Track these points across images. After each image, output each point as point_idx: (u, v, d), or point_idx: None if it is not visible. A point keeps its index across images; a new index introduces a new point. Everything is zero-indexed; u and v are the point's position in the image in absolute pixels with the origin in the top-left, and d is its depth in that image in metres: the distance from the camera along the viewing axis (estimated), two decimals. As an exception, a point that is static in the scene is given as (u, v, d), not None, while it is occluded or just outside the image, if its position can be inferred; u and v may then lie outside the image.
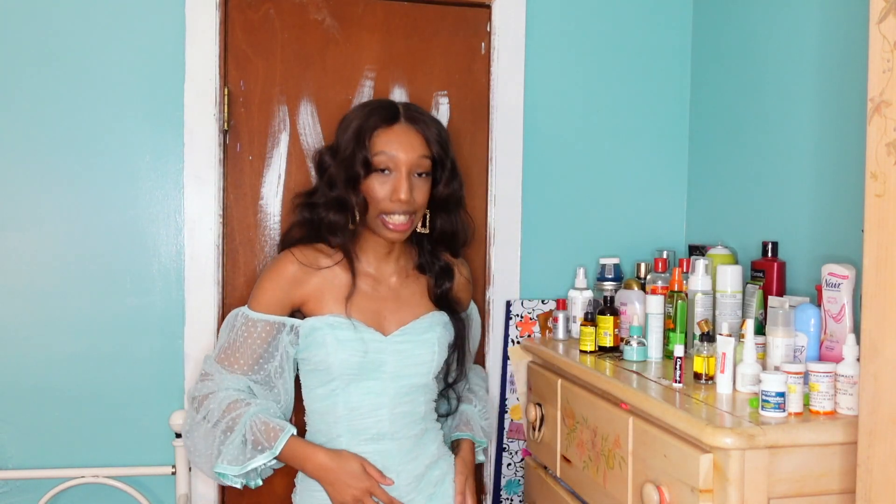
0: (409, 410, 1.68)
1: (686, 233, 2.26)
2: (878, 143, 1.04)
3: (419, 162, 1.62)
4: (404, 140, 1.62)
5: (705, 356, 1.46)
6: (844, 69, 1.63)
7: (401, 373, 1.66)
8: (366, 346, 1.63)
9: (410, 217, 1.64)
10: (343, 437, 1.65)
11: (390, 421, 1.65)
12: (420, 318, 1.71)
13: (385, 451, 1.65)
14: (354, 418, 1.64)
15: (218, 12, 1.97)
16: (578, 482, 1.68)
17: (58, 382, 1.92)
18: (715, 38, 2.14)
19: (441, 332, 1.72)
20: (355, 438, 1.64)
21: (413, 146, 1.62)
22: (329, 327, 1.62)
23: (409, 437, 1.67)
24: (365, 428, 1.64)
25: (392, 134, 1.62)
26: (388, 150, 1.60)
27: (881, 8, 1.04)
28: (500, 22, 2.12)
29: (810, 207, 1.73)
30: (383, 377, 1.65)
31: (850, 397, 1.25)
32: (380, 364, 1.65)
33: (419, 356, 1.68)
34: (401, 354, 1.66)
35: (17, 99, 1.88)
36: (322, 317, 1.64)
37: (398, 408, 1.66)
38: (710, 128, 2.16)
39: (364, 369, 1.63)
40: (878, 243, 1.04)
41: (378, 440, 1.65)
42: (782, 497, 1.22)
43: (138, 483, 1.95)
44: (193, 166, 1.96)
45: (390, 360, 1.65)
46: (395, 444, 1.65)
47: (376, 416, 1.65)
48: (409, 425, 1.68)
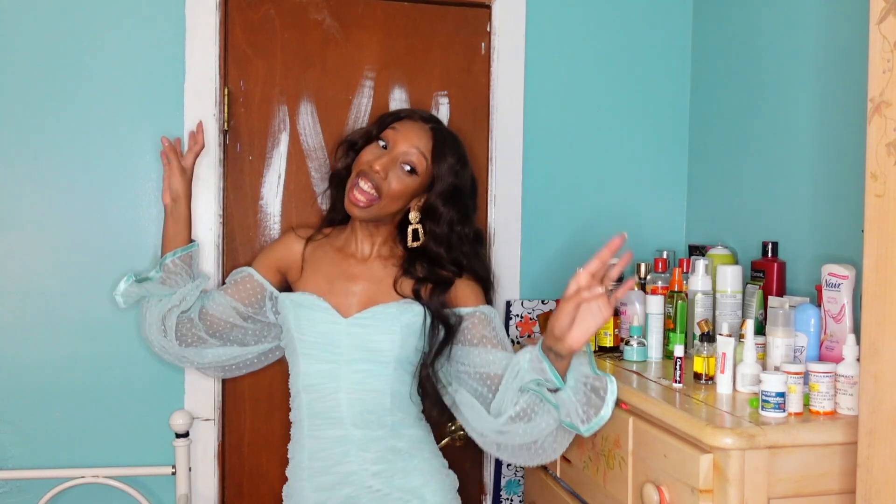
0: (369, 398, 1.64)
1: (686, 233, 2.26)
2: (878, 143, 1.04)
3: (413, 154, 1.63)
4: (415, 131, 1.65)
5: (705, 356, 1.46)
6: (844, 69, 1.63)
7: (357, 356, 1.64)
8: (322, 326, 1.65)
9: (373, 199, 1.61)
10: (304, 420, 1.66)
11: (348, 405, 1.63)
12: (387, 304, 1.66)
13: (345, 437, 1.63)
14: (313, 400, 1.65)
15: (218, 12, 1.97)
16: (578, 482, 1.68)
17: (58, 382, 1.92)
18: (715, 39, 2.14)
19: (408, 322, 1.64)
20: (315, 421, 1.65)
21: (419, 139, 1.64)
22: (292, 304, 1.68)
23: (372, 428, 1.63)
24: (323, 411, 1.64)
25: (408, 121, 1.67)
26: (398, 127, 1.65)
27: (881, 8, 1.04)
28: (500, 22, 2.12)
29: (810, 207, 1.73)
30: (338, 359, 1.64)
31: (850, 397, 1.25)
32: (337, 345, 1.64)
33: (377, 342, 1.64)
34: (357, 338, 1.64)
35: (16, 99, 1.88)
36: (291, 294, 1.71)
37: (356, 394, 1.63)
38: (710, 128, 2.16)
39: (320, 349, 1.65)
40: (878, 243, 1.04)
41: (338, 424, 1.63)
42: (782, 497, 1.22)
43: (138, 483, 1.95)
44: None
45: (345, 342, 1.64)
46: (357, 433, 1.63)
47: (335, 400, 1.64)
48: (371, 415, 1.64)
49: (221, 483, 2.03)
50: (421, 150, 1.64)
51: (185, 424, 1.92)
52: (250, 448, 2.04)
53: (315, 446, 1.65)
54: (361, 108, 2.08)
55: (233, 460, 2.04)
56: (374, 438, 1.64)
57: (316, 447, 1.65)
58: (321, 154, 2.06)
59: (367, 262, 1.71)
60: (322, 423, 1.65)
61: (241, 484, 2.05)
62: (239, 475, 2.05)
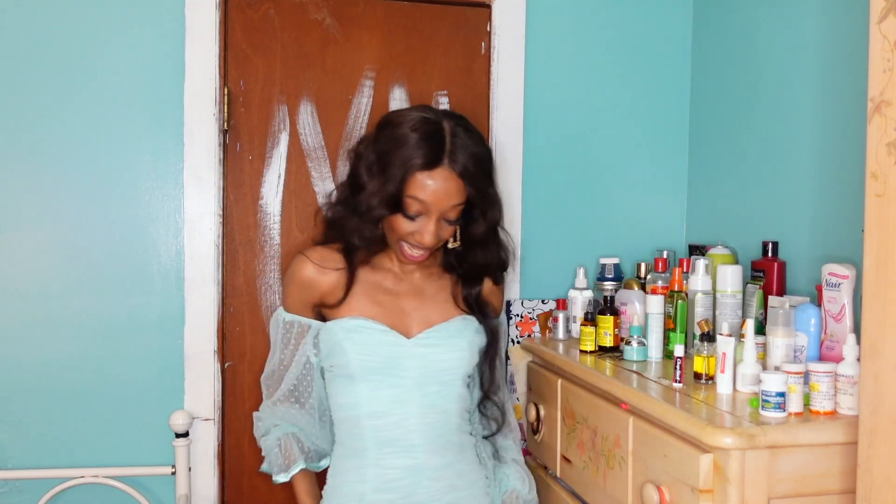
0: (439, 421, 1.57)
1: (686, 233, 2.26)
2: (878, 142, 1.04)
3: (451, 209, 1.51)
4: (441, 188, 1.48)
5: (705, 356, 1.46)
6: (844, 69, 1.63)
7: (425, 379, 1.56)
8: (386, 349, 1.54)
9: (425, 254, 1.55)
10: (370, 449, 1.55)
11: (420, 432, 1.55)
12: (449, 320, 1.61)
13: (416, 467, 1.55)
14: (380, 428, 1.54)
15: (218, 12, 1.97)
16: (578, 482, 1.68)
17: (58, 382, 1.92)
18: (715, 39, 2.14)
19: (472, 338, 1.61)
20: (382, 450, 1.55)
21: (449, 195, 1.49)
22: (345, 331, 1.55)
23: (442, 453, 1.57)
24: (393, 439, 1.54)
25: (431, 179, 1.47)
26: (423, 196, 1.47)
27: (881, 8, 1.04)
28: (500, 22, 2.12)
29: (810, 207, 1.73)
30: (407, 383, 1.55)
31: (850, 397, 1.25)
32: (403, 368, 1.55)
33: (446, 361, 1.58)
34: (424, 359, 1.56)
35: (16, 99, 1.88)
36: (339, 320, 1.56)
37: (427, 417, 1.55)
38: (710, 128, 2.16)
39: (385, 374, 1.54)
40: (878, 243, 1.04)
41: (408, 453, 1.55)
42: (782, 497, 1.22)
43: (138, 483, 1.95)
44: (193, 166, 1.96)
45: (413, 364, 1.55)
46: (426, 459, 1.55)
47: (405, 427, 1.55)
48: (442, 438, 1.57)
49: (221, 483, 2.03)
50: (457, 203, 1.51)
51: (185, 424, 1.92)
52: (250, 448, 2.04)
53: (383, 476, 1.55)
54: (361, 108, 2.08)
55: (233, 460, 2.04)
56: (444, 465, 1.57)
57: (384, 478, 1.55)
58: (321, 154, 2.06)
59: (408, 276, 1.63)
60: (392, 451, 1.55)
61: (241, 484, 2.05)
62: (239, 475, 2.04)
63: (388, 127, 1.54)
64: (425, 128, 1.50)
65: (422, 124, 1.51)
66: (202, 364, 1.98)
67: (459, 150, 1.50)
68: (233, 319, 2.02)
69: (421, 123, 1.51)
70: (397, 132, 1.51)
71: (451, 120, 1.53)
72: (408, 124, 1.51)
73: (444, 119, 1.53)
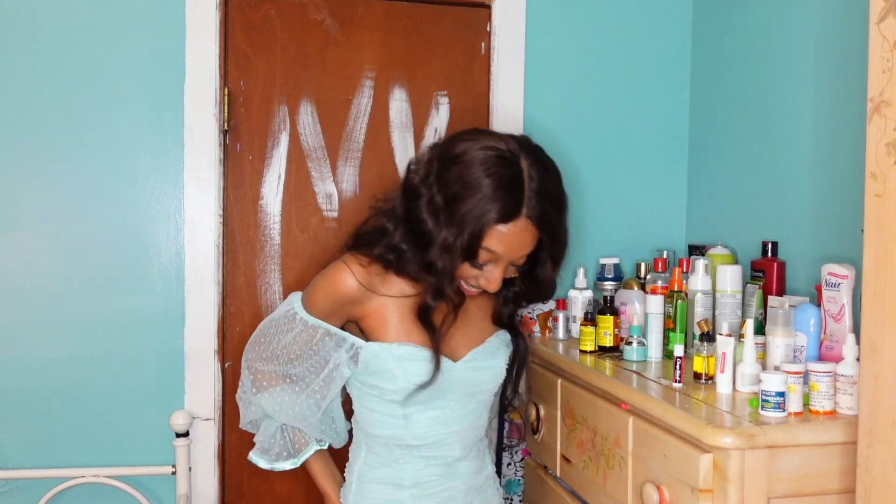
0: (473, 434, 1.60)
1: (686, 233, 2.26)
2: (878, 143, 1.04)
3: (522, 258, 1.44)
4: (516, 240, 1.38)
5: (705, 356, 1.46)
6: (844, 69, 1.63)
7: (467, 399, 1.57)
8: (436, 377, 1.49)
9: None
10: (410, 463, 1.55)
11: (461, 447, 1.57)
12: (488, 339, 1.59)
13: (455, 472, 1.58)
14: (423, 448, 1.55)
15: (218, 12, 1.97)
16: (578, 482, 1.68)
17: (58, 382, 1.92)
18: (715, 39, 2.14)
19: (505, 354, 1.61)
20: (423, 462, 1.56)
21: (524, 245, 1.40)
22: (396, 359, 1.48)
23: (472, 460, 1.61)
24: (433, 456, 1.56)
25: (507, 234, 1.37)
26: (496, 248, 1.38)
27: (881, 8, 1.04)
28: (500, 22, 2.12)
29: (810, 207, 1.73)
30: (451, 405, 1.55)
31: (849, 397, 1.25)
32: (448, 391, 1.53)
33: (485, 380, 1.58)
34: (468, 382, 1.55)
35: (16, 99, 1.89)
36: (388, 345, 1.48)
37: (466, 433, 1.58)
38: (710, 128, 2.16)
39: (432, 398, 1.52)
40: (878, 243, 1.04)
41: (451, 464, 1.57)
42: (782, 497, 1.22)
43: (138, 483, 1.95)
44: (193, 166, 1.96)
45: (457, 387, 1.54)
46: (465, 465, 1.59)
47: (447, 446, 1.56)
48: (475, 443, 1.62)
49: (221, 483, 2.03)
50: (528, 251, 1.43)
51: (185, 424, 1.92)
52: (250, 448, 2.03)
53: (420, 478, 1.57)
54: (361, 108, 2.08)
55: (233, 460, 2.04)
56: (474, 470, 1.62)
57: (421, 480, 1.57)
58: (321, 154, 2.06)
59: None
60: (431, 464, 1.56)
61: (241, 484, 2.05)
62: (239, 475, 2.05)
63: (456, 165, 1.38)
64: (501, 172, 1.36)
65: (497, 167, 1.36)
66: (202, 364, 1.98)
67: (538, 198, 1.37)
68: (233, 319, 2.02)
69: (496, 165, 1.36)
70: (469, 175, 1.36)
71: (529, 156, 1.39)
72: (480, 165, 1.36)
73: (521, 156, 1.38)
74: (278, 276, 2.04)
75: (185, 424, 1.92)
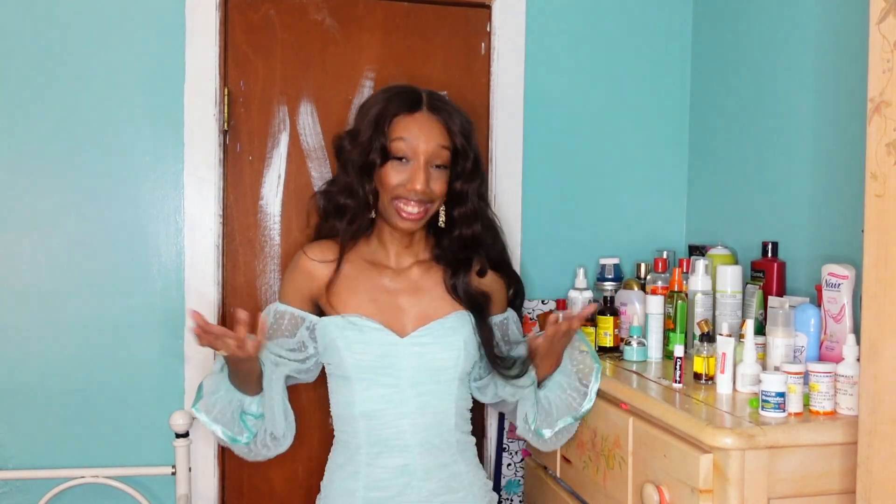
0: (435, 422, 1.56)
1: (686, 233, 2.26)
2: (878, 143, 1.04)
3: (438, 152, 1.54)
4: (425, 128, 1.53)
5: (705, 356, 1.46)
6: (844, 69, 1.63)
7: (420, 378, 1.55)
8: (379, 348, 1.53)
9: (425, 207, 1.55)
10: (363, 447, 1.55)
11: (413, 432, 1.54)
12: (444, 317, 1.59)
13: (407, 467, 1.55)
14: (374, 428, 1.54)
15: (218, 12, 1.97)
16: (578, 482, 1.68)
17: (58, 382, 1.92)
18: (715, 39, 2.14)
19: (469, 336, 1.59)
20: (374, 449, 1.55)
21: (433, 135, 1.53)
22: (338, 328, 1.55)
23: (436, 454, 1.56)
24: (385, 439, 1.54)
25: (413, 121, 1.54)
26: (408, 136, 1.52)
27: (881, 8, 1.04)
28: (500, 22, 2.12)
29: (810, 207, 1.73)
30: (401, 383, 1.54)
31: (849, 397, 1.25)
32: (396, 368, 1.54)
33: (441, 360, 1.56)
34: (419, 358, 1.55)
35: (16, 99, 1.88)
36: (333, 318, 1.57)
37: (422, 417, 1.55)
38: (710, 128, 2.16)
39: (378, 373, 1.53)
40: (878, 243, 1.04)
41: (401, 453, 1.54)
42: (782, 497, 1.22)
43: (138, 483, 1.95)
44: (193, 166, 1.96)
45: (407, 363, 1.54)
46: (419, 459, 1.55)
47: (397, 427, 1.54)
48: (437, 437, 1.57)
49: (221, 483, 2.03)
50: (442, 144, 1.55)
51: (185, 424, 1.92)
52: (250, 448, 2.04)
53: (374, 475, 1.55)
54: (361, 108, 2.08)
55: (233, 460, 2.04)
56: (438, 466, 1.57)
57: (375, 477, 1.55)
58: (321, 154, 2.06)
59: (405, 273, 1.62)
60: (383, 450, 1.55)
61: (241, 484, 2.05)
62: (239, 475, 2.04)
63: (362, 107, 1.65)
64: (397, 88, 1.61)
65: (392, 87, 1.61)
66: (202, 364, 1.98)
67: (437, 101, 1.58)
68: (233, 319, 2.02)
69: (391, 87, 1.61)
70: (369, 102, 1.62)
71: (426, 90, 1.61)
72: (378, 93, 1.62)
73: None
74: (278, 276, 2.04)
75: (184, 425, 1.92)
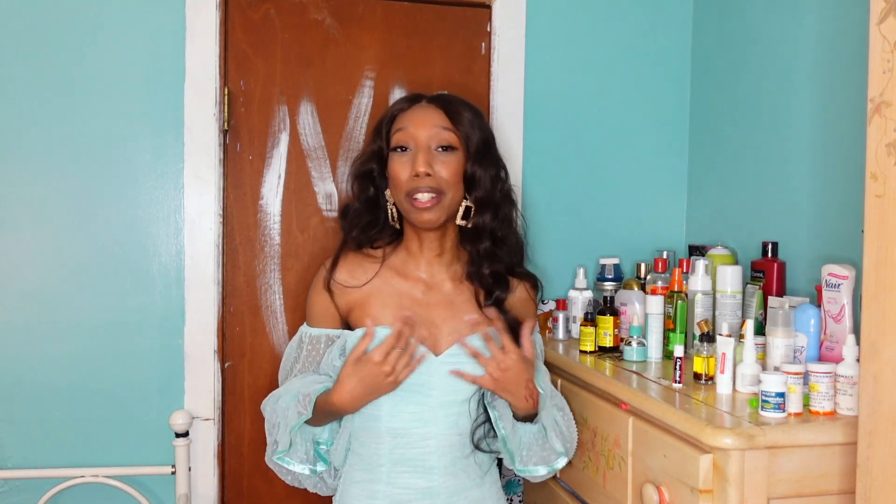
0: (460, 442, 1.51)
1: (686, 233, 2.26)
2: (878, 143, 1.04)
3: (438, 133, 1.48)
4: (422, 115, 1.51)
5: (705, 356, 1.46)
6: (844, 69, 1.63)
7: (451, 398, 1.49)
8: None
9: (438, 195, 1.46)
10: (384, 465, 1.49)
11: (439, 454, 1.48)
12: (475, 335, 1.50)
13: (431, 489, 1.48)
14: (399, 446, 1.48)
15: (218, 12, 1.97)
16: (578, 482, 1.68)
17: (58, 382, 1.92)
18: (715, 39, 2.14)
19: None
20: (397, 468, 1.48)
21: (432, 119, 1.49)
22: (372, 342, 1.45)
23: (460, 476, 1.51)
24: (410, 458, 1.48)
25: (411, 112, 1.52)
26: (405, 125, 1.50)
27: (881, 8, 1.04)
28: (500, 22, 2.12)
29: (810, 207, 1.73)
30: (431, 402, 1.47)
31: (849, 398, 1.25)
32: (427, 387, 1.47)
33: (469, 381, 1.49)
34: (452, 377, 1.47)
35: (16, 99, 1.88)
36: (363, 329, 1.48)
37: (449, 439, 1.49)
38: (710, 128, 2.16)
39: (409, 391, 1.46)
40: (878, 243, 1.04)
41: (424, 474, 1.48)
42: (782, 497, 1.22)
43: (138, 483, 1.95)
44: (193, 166, 1.96)
45: (439, 382, 1.47)
46: (442, 482, 1.49)
47: (423, 448, 1.48)
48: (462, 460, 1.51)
49: (221, 483, 2.03)
50: (442, 125, 1.49)
51: (185, 424, 1.92)
52: (250, 448, 2.04)
53: (395, 496, 1.49)
54: (361, 108, 2.08)
55: (233, 460, 2.04)
56: (461, 489, 1.51)
57: (396, 497, 1.49)
58: (321, 154, 2.06)
59: (438, 286, 1.55)
60: (406, 470, 1.48)
61: (241, 484, 2.05)
62: (239, 475, 2.05)
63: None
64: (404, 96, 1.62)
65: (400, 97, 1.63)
66: (202, 364, 1.98)
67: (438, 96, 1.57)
68: (233, 319, 2.02)
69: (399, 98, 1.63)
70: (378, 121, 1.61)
71: None
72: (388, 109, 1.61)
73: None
74: (278, 276, 2.04)
75: (184, 424, 1.92)
